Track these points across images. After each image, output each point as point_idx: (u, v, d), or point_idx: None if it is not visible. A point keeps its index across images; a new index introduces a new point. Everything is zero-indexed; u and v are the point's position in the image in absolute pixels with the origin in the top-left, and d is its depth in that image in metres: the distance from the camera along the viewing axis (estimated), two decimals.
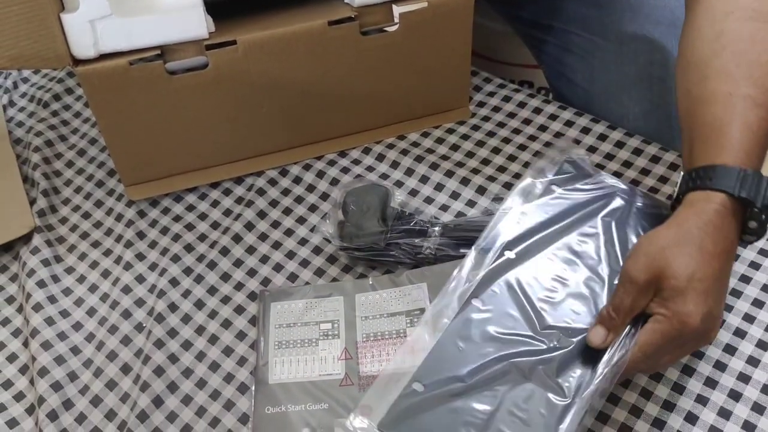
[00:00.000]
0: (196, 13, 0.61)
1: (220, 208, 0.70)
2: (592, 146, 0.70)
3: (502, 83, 0.77)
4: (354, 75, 0.68)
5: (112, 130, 0.66)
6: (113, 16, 0.60)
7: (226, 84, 0.65)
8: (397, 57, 0.67)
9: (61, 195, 0.73)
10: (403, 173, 0.70)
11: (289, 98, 0.68)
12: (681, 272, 0.46)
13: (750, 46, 0.51)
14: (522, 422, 0.48)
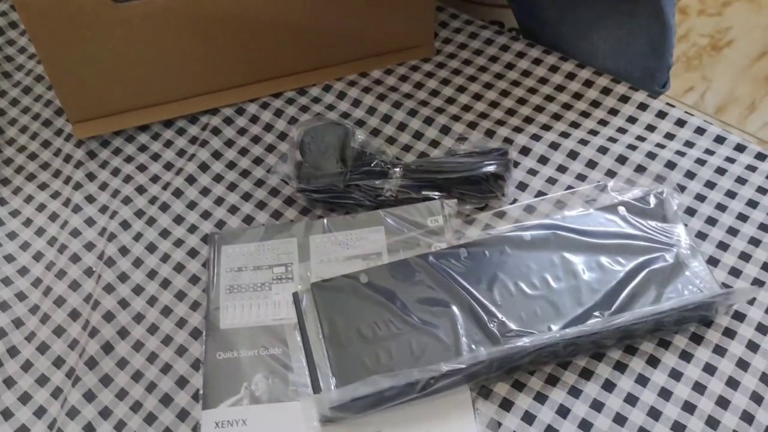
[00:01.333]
0: None
1: (174, 148, 0.67)
2: (560, 85, 0.68)
3: (468, 20, 0.74)
4: (313, 8, 0.64)
5: (55, 63, 0.62)
6: None
7: (178, 14, 0.61)
8: None
9: (5, 135, 0.70)
10: (364, 112, 0.68)
11: (245, 30, 0.64)
12: None
13: None
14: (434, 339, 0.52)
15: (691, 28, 1.44)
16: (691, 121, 0.66)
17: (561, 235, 0.56)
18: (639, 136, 0.65)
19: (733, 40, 1.42)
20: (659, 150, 0.63)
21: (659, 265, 0.54)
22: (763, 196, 0.61)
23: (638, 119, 0.66)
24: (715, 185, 0.61)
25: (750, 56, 1.41)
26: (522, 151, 0.64)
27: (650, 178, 0.62)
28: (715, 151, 0.64)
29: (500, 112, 0.67)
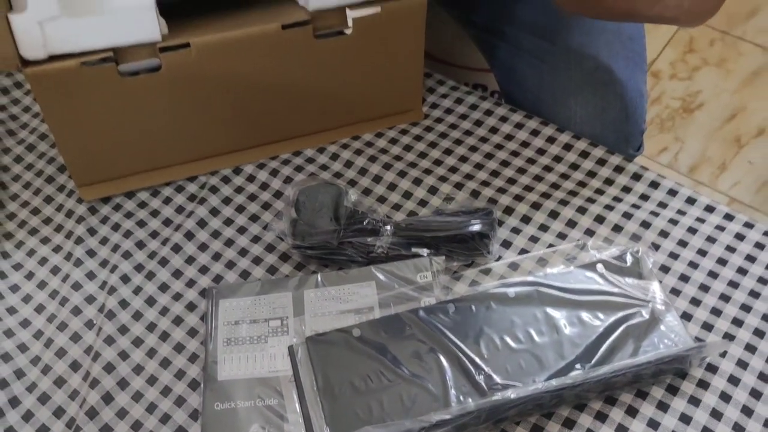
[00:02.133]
0: (149, 15, 0.61)
1: (173, 205, 0.70)
2: (540, 148, 0.72)
3: (454, 86, 0.79)
4: (308, 77, 0.68)
5: (63, 132, 0.65)
6: (62, 17, 0.59)
7: (180, 86, 0.65)
8: (350, 60, 0.68)
9: (9, 191, 0.72)
10: (356, 172, 0.71)
11: (243, 100, 0.68)
12: None
13: None
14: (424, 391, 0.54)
15: (663, 91, 1.51)
16: (663, 183, 0.70)
17: (543, 291, 0.59)
18: (616, 197, 0.68)
19: (703, 103, 1.49)
20: (634, 210, 0.67)
21: (636, 321, 0.58)
22: (731, 254, 0.65)
23: (615, 181, 0.70)
24: (687, 244, 0.65)
25: (720, 118, 1.47)
26: (506, 210, 0.67)
27: (627, 237, 0.65)
28: (687, 212, 0.68)
29: (485, 173, 0.71)
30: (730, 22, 1.61)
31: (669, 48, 1.57)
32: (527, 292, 0.59)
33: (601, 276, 0.60)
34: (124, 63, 0.62)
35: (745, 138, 1.45)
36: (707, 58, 1.55)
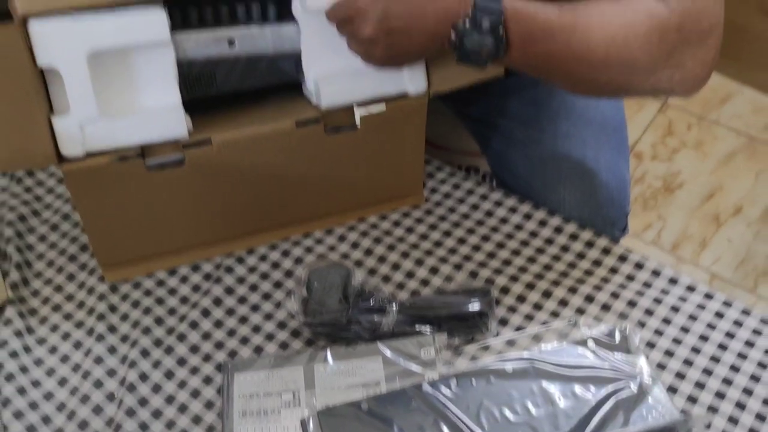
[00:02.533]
0: (177, 114, 0.67)
1: (189, 283, 0.74)
2: (533, 231, 0.78)
3: (452, 171, 0.85)
4: (318, 168, 0.74)
5: (93, 221, 0.71)
6: (100, 118, 0.64)
7: (201, 177, 0.70)
8: (358, 152, 0.74)
9: (33, 269, 0.77)
10: (362, 253, 0.76)
11: (259, 189, 0.73)
12: None
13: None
14: None
15: (646, 171, 1.58)
16: (647, 264, 0.75)
17: (539, 366, 0.64)
18: (604, 278, 0.74)
19: (683, 183, 1.57)
20: (621, 290, 0.73)
21: (625, 394, 0.62)
22: (712, 331, 0.69)
23: (602, 262, 0.75)
24: (671, 321, 0.70)
25: (699, 197, 1.55)
26: (502, 290, 0.72)
27: (615, 315, 0.70)
28: (669, 291, 0.73)
29: (482, 254, 0.76)
30: (705, 107, 1.71)
31: (650, 131, 1.66)
32: (524, 367, 0.64)
33: (592, 352, 0.65)
34: (151, 158, 0.67)
35: (723, 216, 1.52)
36: (685, 141, 1.64)
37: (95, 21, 0.63)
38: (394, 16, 0.61)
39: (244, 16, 0.70)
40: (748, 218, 1.52)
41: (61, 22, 0.62)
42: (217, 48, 0.68)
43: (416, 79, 0.70)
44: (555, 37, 0.62)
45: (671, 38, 0.63)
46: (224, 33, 0.68)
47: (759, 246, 1.47)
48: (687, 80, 0.65)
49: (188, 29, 0.68)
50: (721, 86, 1.75)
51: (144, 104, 0.67)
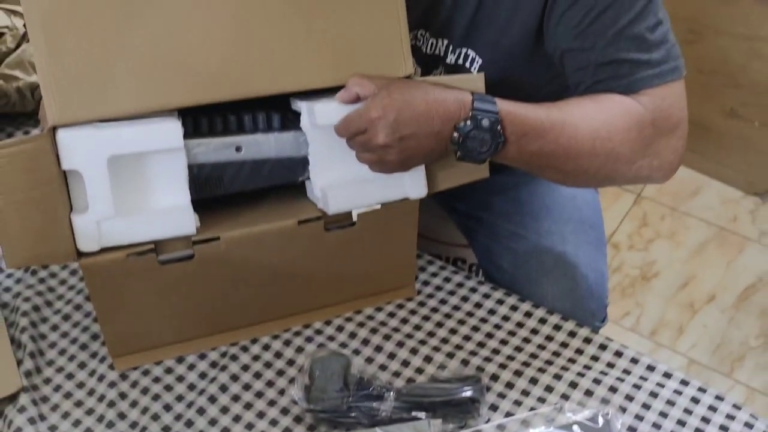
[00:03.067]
0: (186, 213, 0.72)
1: (196, 371, 0.78)
2: (519, 322, 0.83)
3: (443, 265, 0.91)
4: (318, 262, 0.79)
5: (107, 313, 0.75)
6: (116, 216, 0.69)
7: (209, 271, 0.75)
8: (354, 247, 0.80)
9: (45, 357, 0.80)
10: (360, 343, 0.81)
11: (263, 282, 0.79)
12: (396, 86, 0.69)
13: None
14: None
15: (623, 261, 1.66)
16: (626, 352, 0.81)
17: None
18: (586, 365, 0.79)
19: (659, 271, 1.64)
20: (603, 377, 0.78)
21: None
22: (689, 416, 0.74)
23: (584, 351, 0.80)
24: (650, 407, 0.75)
25: (674, 286, 1.62)
26: (492, 377, 0.77)
27: (597, 401, 0.75)
28: (648, 378, 0.78)
29: (472, 344, 0.81)
30: (676, 200, 1.80)
31: (626, 222, 1.75)
32: None
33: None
34: (163, 254, 0.73)
35: (698, 304, 1.59)
36: (659, 231, 1.73)
37: (117, 130, 0.68)
38: (404, 123, 0.68)
39: (251, 124, 0.76)
40: (722, 305, 1.59)
41: (86, 131, 0.67)
42: (225, 153, 0.75)
43: (416, 184, 0.77)
44: (546, 135, 0.71)
45: (647, 132, 0.73)
46: (232, 140, 0.75)
47: (733, 332, 1.53)
48: (663, 166, 0.76)
49: (199, 136, 0.74)
50: (691, 180, 1.85)
51: (156, 204, 0.72)
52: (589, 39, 0.74)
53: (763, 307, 1.59)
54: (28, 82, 1.01)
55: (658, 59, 0.74)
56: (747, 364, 1.47)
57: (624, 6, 0.72)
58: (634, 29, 0.73)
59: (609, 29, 0.73)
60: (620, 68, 0.74)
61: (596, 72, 0.75)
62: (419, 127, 0.69)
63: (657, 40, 0.74)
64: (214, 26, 0.70)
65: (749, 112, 1.72)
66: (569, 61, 0.77)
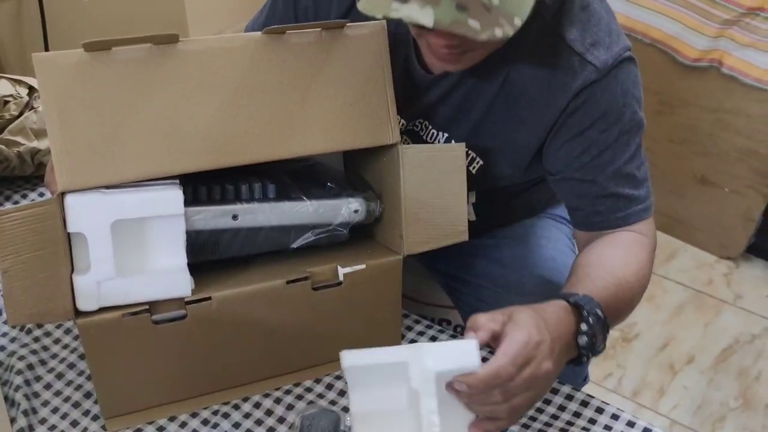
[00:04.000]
0: (183, 276, 0.75)
1: (188, 428, 0.80)
2: None
3: (429, 324, 0.94)
4: (307, 321, 0.82)
5: (102, 372, 0.77)
6: (116, 277, 0.72)
7: (202, 331, 0.77)
8: (341, 306, 0.82)
9: (38, 415, 0.81)
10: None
11: (253, 341, 0.81)
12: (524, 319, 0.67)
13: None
14: None
15: None
16: (607, 409, 0.83)
17: None
18: (568, 422, 0.81)
19: (639, 333, 1.68)
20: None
21: None
22: None
23: (567, 407, 0.83)
24: None
25: (654, 347, 1.65)
26: None
27: None
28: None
29: None
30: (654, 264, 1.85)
31: None
32: None
33: None
34: (157, 314, 0.75)
35: (677, 365, 1.62)
36: None
37: (121, 196, 0.72)
38: (555, 337, 0.67)
39: (247, 193, 0.80)
40: (701, 366, 1.62)
41: (92, 197, 0.71)
42: (222, 221, 0.78)
43: None
44: (618, 301, 0.77)
45: (653, 255, 0.85)
46: (229, 209, 0.79)
47: (713, 393, 1.56)
48: None
49: (198, 204, 0.77)
50: (667, 244, 1.91)
51: (154, 266, 0.75)
52: (590, 173, 0.82)
53: (740, 368, 1.62)
54: (29, 147, 1.05)
55: (645, 195, 0.84)
56: (728, 425, 1.49)
57: (622, 147, 0.81)
58: (628, 168, 0.82)
59: (609, 166, 0.82)
60: (617, 202, 0.83)
61: (595, 203, 0.83)
62: (561, 354, 0.68)
63: (643, 178, 0.84)
64: (215, 100, 0.74)
65: (719, 179, 1.80)
66: (569, 187, 0.85)
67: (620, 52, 0.80)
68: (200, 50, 0.74)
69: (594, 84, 0.79)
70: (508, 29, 0.66)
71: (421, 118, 0.89)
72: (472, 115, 0.85)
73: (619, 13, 1.74)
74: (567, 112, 0.80)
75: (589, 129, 0.80)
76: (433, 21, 0.64)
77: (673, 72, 1.73)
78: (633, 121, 0.81)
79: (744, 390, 1.57)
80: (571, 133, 0.81)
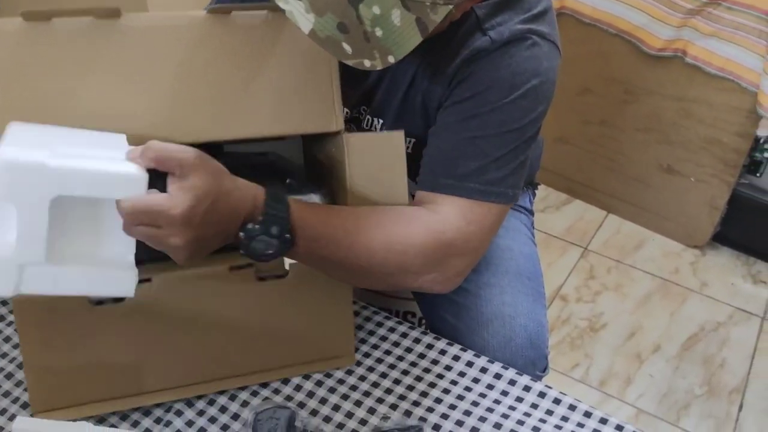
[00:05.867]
0: (128, 274, 0.66)
1: (140, 427, 0.78)
2: (461, 371, 0.85)
3: (387, 316, 0.93)
4: (253, 315, 0.79)
5: (34, 356, 0.74)
6: (46, 264, 0.61)
7: (141, 316, 0.75)
8: (289, 300, 0.80)
9: None
10: (305, 395, 0.82)
11: (195, 333, 0.78)
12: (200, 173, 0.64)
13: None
14: None
15: (571, 313, 1.70)
16: (564, 399, 0.83)
17: None
18: (525, 413, 0.81)
19: (607, 323, 1.69)
20: (542, 424, 0.80)
21: None
22: None
23: (524, 399, 0.83)
24: None
25: (621, 336, 1.66)
26: (434, 427, 0.79)
27: None
28: (585, 424, 0.80)
29: (415, 394, 0.83)
30: (621, 253, 1.87)
31: (573, 275, 1.80)
32: None
33: None
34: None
35: (644, 354, 1.63)
36: (606, 284, 1.78)
37: (71, 168, 0.61)
38: (200, 218, 0.64)
39: None
40: (667, 355, 1.63)
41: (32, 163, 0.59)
42: None
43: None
44: (339, 242, 0.73)
45: (442, 251, 0.77)
46: None
47: (678, 381, 1.57)
48: (445, 283, 0.80)
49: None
50: (635, 233, 1.92)
51: (95, 257, 0.66)
52: (447, 131, 0.79)
53: (705, 355, 1.64)
54: None
55: (485, 180, 0.77)
56: (692, 412, 1.51)
57: (493, 126, 0.77)
58: (485, 145, 0.77)
59: (465, 133, 0.78)
60: (449, 166, 0.78)
61: (432, 159, 0.79)
62: (210, 226, 0.65)
63: (498, 165, 0.77)
64: (157, 79, 0.72)
65: (684, 167, 1.81)
66: (428, 143, 0.81)
67: (525, 32, 0.78)
68: (143, 27, 0.72)
69: (483, 53, 0.78)
70: (377, 63, 0.65)
71: (362, 104, 0.89)
72: (397, 96, 0.85)
73: (587, 4, 1.74)
74: (456, 80, 0.80)
75: (468, 101, 0.78)
76: (309, 29, 0.64)
77: (638, 62, 1.73)
78: (515, 104, 0.77)
79: (709, 377, 1.59)
80: (452, 100, 0.80)
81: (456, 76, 0.79)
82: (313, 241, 0.72)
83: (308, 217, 0.72)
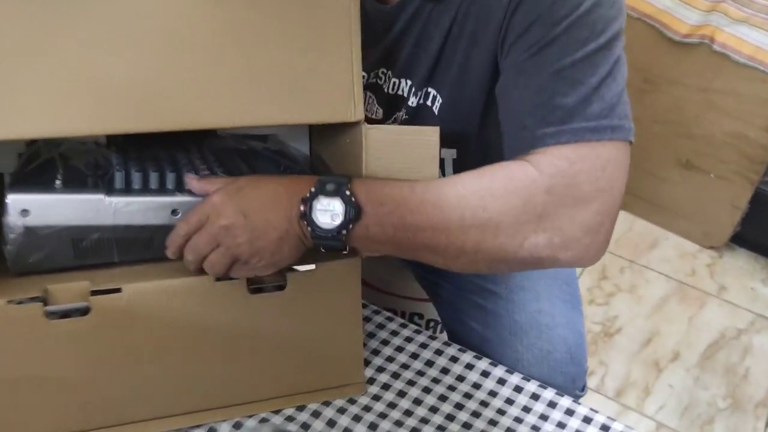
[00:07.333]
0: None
1: None
2: (492, 390, 0.73)
3: (403, 323, 0.80)
4: (243, 334, 0.66)
5: None
6: None
7: (108, 336, 0.62)
8: (285, 316, 0.67)
9: None
10: (309, 415, 0.69)
11: (174, 359, 0.65)
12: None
13: None
14: None
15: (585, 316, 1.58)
16: (613, 426, 0.71)
17: None
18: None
19: (621, 327, 1.57)
20: None
21: None
22: None
23: (567, 425, 0.70)
24: None
25: (638, 342, 1.55)
26: None
27: None
28: None
29: (440, 417, 0.70)
30: (634, 253, 1.75)
31: (585, 275, 1.68)
32: None
33: None
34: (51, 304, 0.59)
35: (662, 362, 1.52)
36: (619, 285, 1.66)
37: None
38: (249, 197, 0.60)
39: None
40: (687, 363, 1.52)
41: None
42: (160, 215, 0.63)
43: None
44: (407, 203, 0.60)
45: (539, 200, 0.60)
46: (169, 201, 0.63)
47: (700, 392, 1.46)
48: (569, 246, 0.60)
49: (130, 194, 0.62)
50: (648, 232, 1.81)
51: None
52: (520, 80, 0.63)
53: (727, 365, 1.53)
54: None
55: (597, 112, 0.61)
56: (717, 427, 1.40)
57: (570, 43, 0.61)
58: (576, 70, 0.61)
59: (549, 67, 0.61)
60: (551, 113, 0.61)
61: (522, 121, 0.63)
62: (264, 204, 0.60)
63: (592, 86, 0.61)
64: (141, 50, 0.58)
65: (705, 163, 1.70)
66: (502, 103, 0.66)
67: None
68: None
69: None
70: None
71: (382, 66, 0.74)
72: (431, 48, 0.70)
73: None
74: (511, 6, 0.63)
75: (535, 25, 0.62)
76: None
77: (660, 48, 1.62)
78: (592, 14, 0.61)
79: (732, 389, 1.48)
80: (515, 33, 0.63)
81: (510, 4, 0.63)
82: (380, 205, 0.60)
83: (368, 181, 0.61)
